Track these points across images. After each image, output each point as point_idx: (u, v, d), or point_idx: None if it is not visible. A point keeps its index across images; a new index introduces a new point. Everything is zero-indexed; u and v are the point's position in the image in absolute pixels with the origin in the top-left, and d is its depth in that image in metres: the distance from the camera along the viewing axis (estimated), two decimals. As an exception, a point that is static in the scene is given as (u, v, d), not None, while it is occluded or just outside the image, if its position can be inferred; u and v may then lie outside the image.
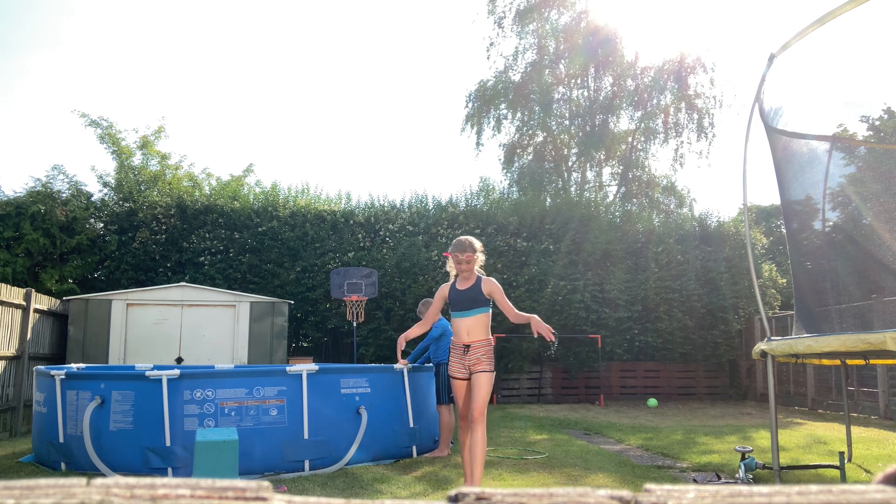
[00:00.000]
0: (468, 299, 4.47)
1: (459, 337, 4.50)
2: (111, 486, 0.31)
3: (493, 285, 4.51)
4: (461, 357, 4.48)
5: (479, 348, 4.46)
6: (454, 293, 4.55)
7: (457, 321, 4.52)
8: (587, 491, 0.31)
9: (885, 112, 10.66)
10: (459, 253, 4.47)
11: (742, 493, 0.32)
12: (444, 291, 4.66)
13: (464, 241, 4.54)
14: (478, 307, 4.46)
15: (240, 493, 0.31)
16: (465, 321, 4.47)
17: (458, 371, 4.51)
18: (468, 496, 0.31)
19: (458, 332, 4.51)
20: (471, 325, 4.45)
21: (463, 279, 4.54)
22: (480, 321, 4.47)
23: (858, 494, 0.31)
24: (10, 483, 0.31)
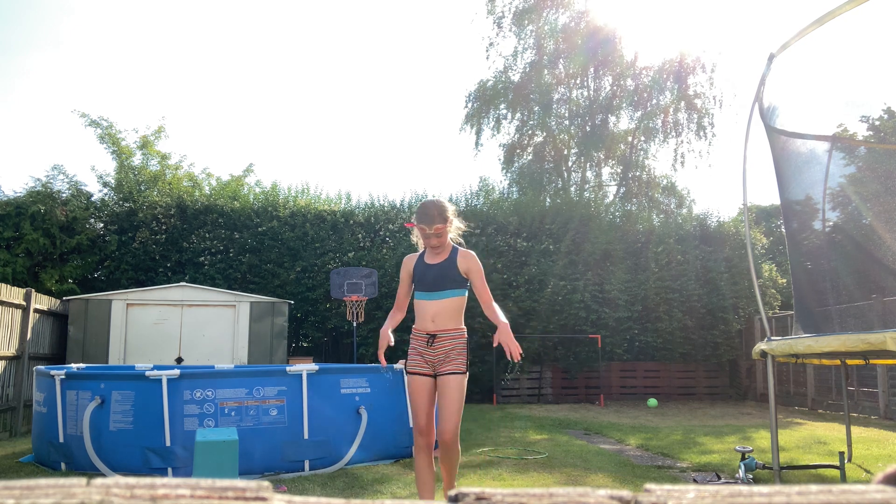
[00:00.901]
0: (438, 277, 3.50)
1: (422, 324, 3.51)
2: (111, 486, 0.31)
3: (471, 261, 3.53)
4: (423, 350, 3.50)
5: (450, 340, 3.47)
6: (421, 268, 3.57)
7: (421, 304, 3.53)
8: (587, 491, 0.31)
9: (885, 112, 10.65)
10: (426, 225, 3.44)
11: (742, 493, 0.32)
12: (408, 266, 3.65)
13: (430, 209, 3.47)
14: (450, 288, 3.49)
15: (240, 493, 0.31)
16: (432, 305, 3.50)
17: (417, 365, 3.50)
18: (468, 496, 0.32)
19: (421, 318, 3.52)
20: (438, 311, 3.49)
21: (433, 251, 3.57)
22: (452, 306, 3.50)
23: (858, 494, 0.31)
24: (10, 483, 0.31)
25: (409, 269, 3.64)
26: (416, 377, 3.51)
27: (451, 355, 3.46)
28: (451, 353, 3.46)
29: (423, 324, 3.52)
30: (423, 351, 3.49)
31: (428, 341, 3.47)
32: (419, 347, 3.51)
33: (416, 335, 3.56)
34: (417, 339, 3.54)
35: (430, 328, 3.48)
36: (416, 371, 3.52)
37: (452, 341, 3.48)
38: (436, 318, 3.48)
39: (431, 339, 3.47)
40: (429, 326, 3.49)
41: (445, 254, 3.56)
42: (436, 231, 3.45)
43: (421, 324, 3.53)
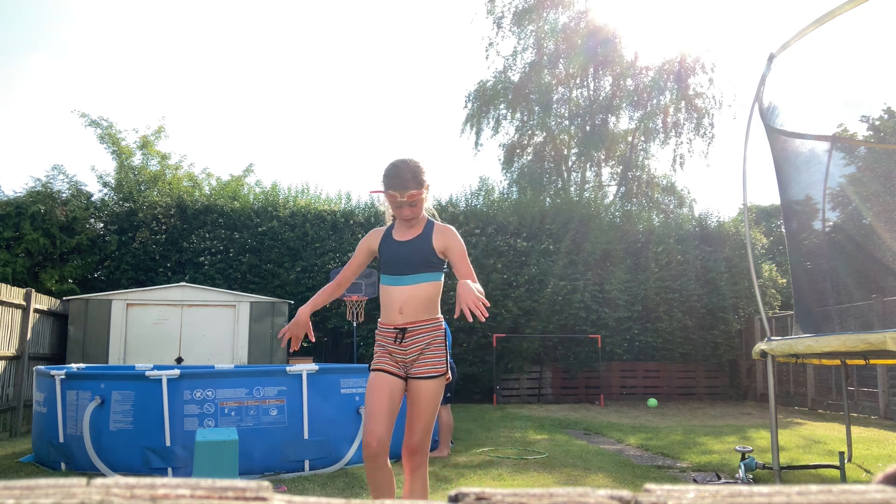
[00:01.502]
0: (409, 257, 2.84)
1: (389, 315, 2.86)
2: (111, 486, 0.31)
3: (450, 237, 2.86)
4: (392, 348, 2.85)
5: (424, 335, 2.84)
6: (388, 245, 2.91)
7: (388, 291, 2.87)
8: (587, 491, 0.31)
9: (885, 112, 10.65)
10: (397, 191, 2.77)
11: (742, 493, 0.32)
12: (372, 241, 2.98)
13: (402, 171, 2.79)
14: (424, 270, 2.83)
15: (240, 493, 0.31)
16: (401, 292, 2.83)
17: (384, 362, 2.85)
18: (468, 496, 0.32)
19: (388, 309, 2.87)
20: (409, 299, 2.81)
21: (404, 225, 2.92)
22: (425, 293, 2.84)
23: (858, 494, 0.31)
24: (10, 483, 0.31)
25: (371, 246, 2.96)
26: (379, 373, 2.81)
27: (427, 353, 2.81)
28: (427, 350, 2.81)
29: (389, 315, 2.84)
30: (392, 348, 2.83)
31: (396, 337, 2.80)
32: (387, 344, 2.84)
33: (382, 330, 2.89)
34: (384, 335, 2.86)
35: (398, 321, 2.80)
36: (381, 367, 2.82)
37: (427, 335, 2.82)
38: (405, 309, 2.80)
39: (401, 334, 2.79)
40: (397, 319, 2.81)
41: (419, 228, 2.87)
42: (409, 199, 2.76)
43: (387, 316, 2.85)
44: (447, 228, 2.89)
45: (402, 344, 2.83)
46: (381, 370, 2.83)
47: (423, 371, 2.82)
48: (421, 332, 2.83)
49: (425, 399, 2.83)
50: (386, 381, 2.80)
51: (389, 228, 2.98)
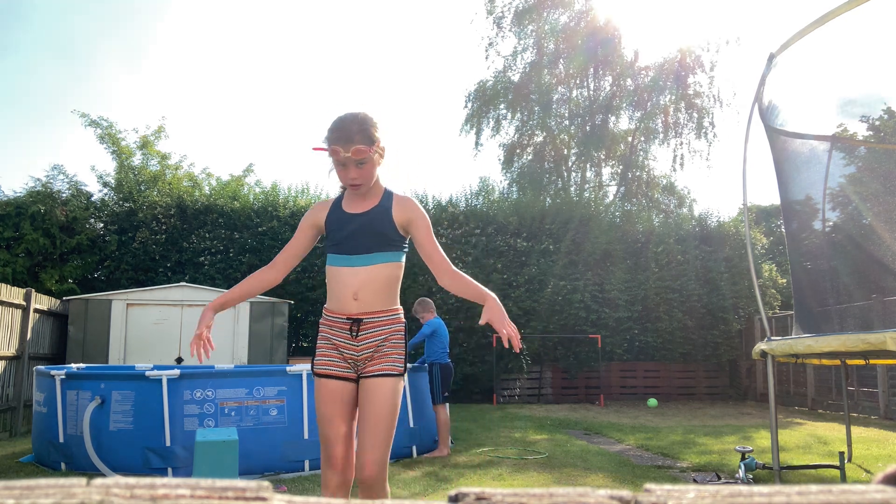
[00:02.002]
0: (364, 233, 2.38)
1: (340, 303, 2.38)
2: (111, 486, 0.31)
3: (412, 209, 2.42)
4: (342, 342, 2.39)
5: (382, 328, 2.39)
6: (338, 219, 2.43)
7: (338, 274, 2.39)
8: (587, 491, 0.31)
9: (885, 112, 10.65)
10: (341, 145, 2.27)
11: (742, 493, 0.32)
12: (317, 215, 2.50)
13: (348, 122, 2.31)
14: (381, 249, 2.38)
15: (240, 493, 0.31)
16: (355, 275, 2.36)
17: (331, 364, 2.39)
18: (468, 496, 0.32)
19: (339, 296, 2.39)
20: (365, 284, 2.36)
21: (356, 195, 2.43)
22: (384, 276, 2.38)
23: (858, 494, 0.31)
24: (10, 483, 0.31)
25: (316, 220, 2.47)
26: (328, 381, 2.35)
27: (384, 349, 2.36)
28: (384, 345, 2.37)
29: (341, 303, 2.36)
30: (343, 343, 2.37)
31: (350, 329, 2.35)
32: (336, 338, 2.38)
33: (330, 320, 2.40)
34: (333, 327, 2.39)
35: (352, 310, 2.35)
36: (329, 372, 2.36)
37: (386, 329, 2.38)
38: (361, 295, 2.34)
39: (355, 325, 2.35)
40: (350, 307, 2.35)
41: (374, 199, 2.42)
42: (355, 155, 2.24)
43: (338, 303, 2.37)
44: (408, 199, 2.44)
45: (356, 338, 2.35)
46: (330, 376, 2.35)
47: (378, 369, 2.34)
48: (378, 325, 2.37)
49: (382, 401, 2.29)
50: (338, 390, 2.34)
51: (338, 199, 2.48)
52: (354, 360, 2.40)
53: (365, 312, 2.38)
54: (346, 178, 2.34)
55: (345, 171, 2.32)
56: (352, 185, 2.34)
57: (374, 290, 2.37)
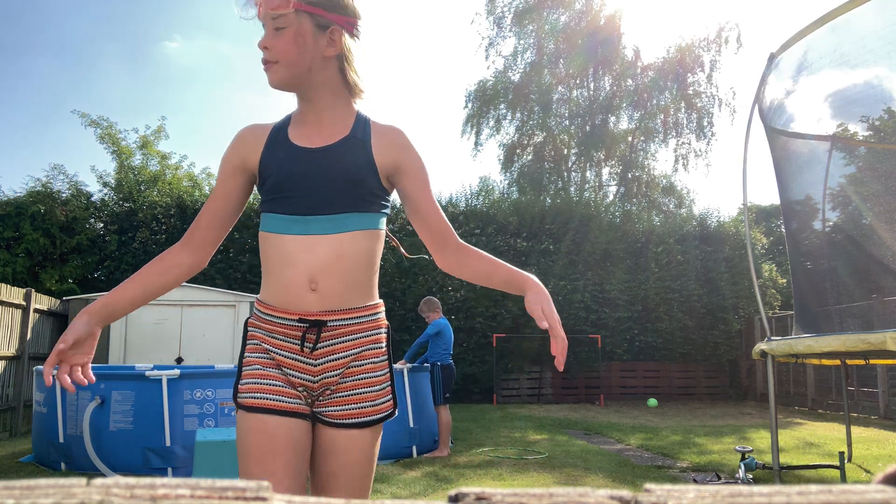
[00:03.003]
0: (326, 179, 1.46)
1: (286, 293, 1.44)
2: (111, 486, 0.31)
3: (403, 146, 1.55)
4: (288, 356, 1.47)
5: (354, 336, 1.48)
6: (281, 153, 1.50)
7: (279, 244, 1.45)
8: (587, 491, 0.31)
9: (885, 112, 10.65)
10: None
11: (742, 493, 0.32)
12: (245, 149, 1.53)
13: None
14: (354, 207, 1.46)
15: (240, 493, 0.31)
16: (311, 247, 1.43)
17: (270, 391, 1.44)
18: (468, 496, 0.32)
19: (285, 280, 1.44)
20: (329, 263, 1.43)
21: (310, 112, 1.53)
22: (360, 252, 1.47)
23: (858, 494, 0.31)
24: (10, 483, 0.31)
25: (244, 157, 1.53)
26: (261, 418, 1.43)
27: (358, 372, 1.49)
28: (358, 365, 1.49)
29: (288, 295, 1.45)
30: (289, 360, 1.47)
31: (303, 339, 1.45)
32: (277, 350, 1.48)
33: (268, 321, 1.49)
34: (274, 333, 1.48)
35: (308, 306, 1.44)
36: (265, 404, 1.44)
37: (360, 338, 1.49)
38: (322, 282, 1.43)
39: (314, 330, 1.45)
40: (305, 303, 1.44)
41: (342, 125, 1.53)
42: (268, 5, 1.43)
43: (283, 294, 1.46)
44: (395, 130, 1.57)
45: (313, 353, 1.46)
46: (264, 409, 1.43)
47: (349, 412, 1.47)
48: (349, 333, 1.47)
49: (352, 465, 1.47)
50: (281, 436, 1.41)
51: (282, 124, 1.56)
52: (307, 384, 1.47)
53: (329, 311, 1.44)
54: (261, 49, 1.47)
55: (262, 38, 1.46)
56: (263, 60, 1.46)
57: (344, 274, 1.44)
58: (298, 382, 1.48)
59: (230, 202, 1.56)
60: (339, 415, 1.48)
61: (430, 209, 1.57)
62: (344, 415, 1.48)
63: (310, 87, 1.50)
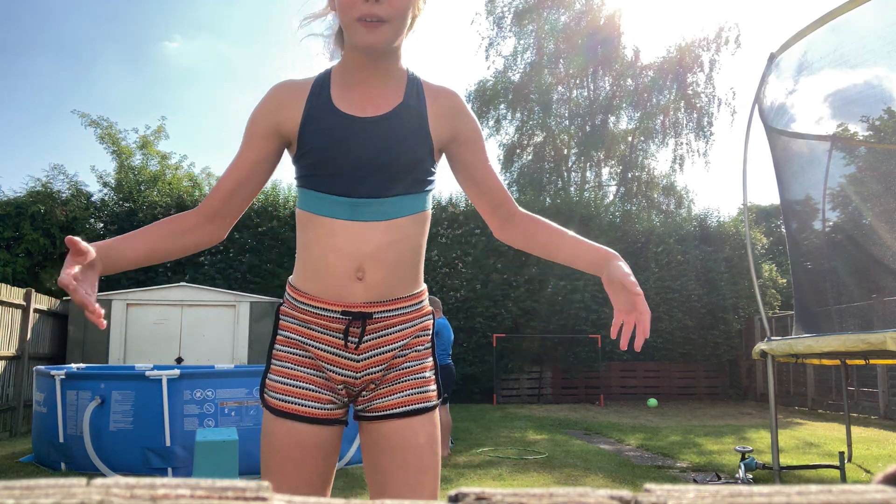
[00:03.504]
0: (382, 156, 1.28)
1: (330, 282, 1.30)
2: (111, 486, 0.31)
3: (461, 110, 1.39)
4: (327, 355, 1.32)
5: (402, 327, 1.35)
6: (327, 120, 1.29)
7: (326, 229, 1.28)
8: (587, 491, 0.31)
9: (885, 112, 10.65)
10: None
11: (742, 493, 0.32)
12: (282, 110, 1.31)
13: None
14: (409, 189, 1.31)
15: (240, 493, 0.31)
16: (363, 235, 1.27)
17: (304, 395, 1.31)
18: (468, 496, 0.32)
19: (329, 268, 1.29)
20: (377, 252, 1.28)
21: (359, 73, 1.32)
22: (410, 238, 1.33)
23: (858, 494, 0.31)
24: (10, 483, 0.31)
25: (280, 120, 1.33)
26: (288, 424, 1.31)
27: (404, 363, 1.37)
28: (404, 356, 1.37)
29: (332, 284, 1.31)
30: (330, 356, 1.33)
31: (347, 333, 1.31)
32: (316, 344, 1.34)
33: (307, 312, 1.34)
34: (312, 325, 1.34)
35: (353, 296, 1.30)
36: (298, 409, 1.31)
37: (408, 329, 1.37)
38: (371, 272, 1.30)
39: (357, 324, 1.31)
40: (351, 294, 1.30)
41: (396, 89, 1.37)
42: None
43: (325, 284, 1.32)
44: (450, 93, 1.41)
45: (358, 348, 1.32)
46: (292, 414, 1.30)
47: (395, 401, 1.34)
48: (396, 324, 1.35)
49: (409, 457, 1.31)
50: (312, 445, 1.30)
51: (322, 83, 1.34)
52: (349, 381, 1.34)
53: (375, 302, 1.31)
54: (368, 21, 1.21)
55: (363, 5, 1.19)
56: (367, 12, 1.20)
57: (394, 262, 1.31)
58: (339, 380, 1.34)
59: (258, 171, 1.35)
60: (385, 406, 1.34)
61: (490, 177, 1.45)
62: (390, 405, 1.34)
63: (390, 49, 1.30)
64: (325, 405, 1.32)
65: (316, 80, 1.35)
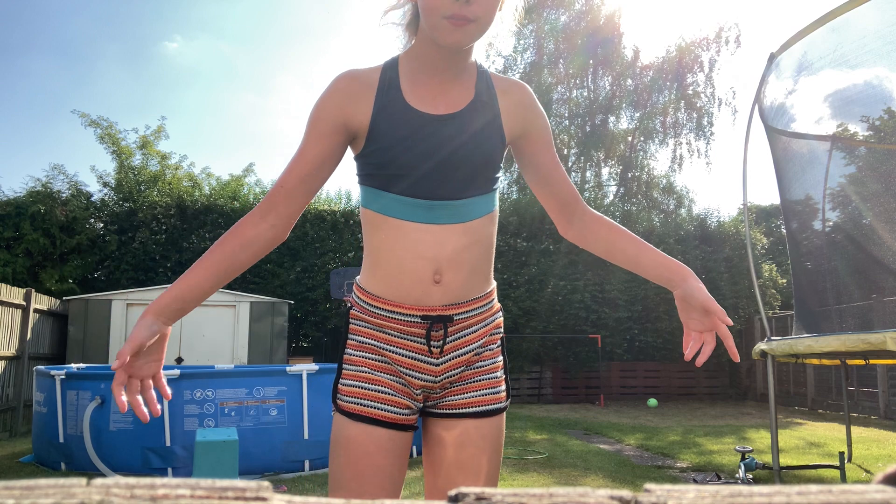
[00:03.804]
0: (456, 156, 1.24)
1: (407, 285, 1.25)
2: (111, 486, 0.31)
3: (531, 103, 1.35)
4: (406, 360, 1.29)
5: (476, 327, 1.32)
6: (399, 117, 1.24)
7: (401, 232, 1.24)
8: (587, 491, 0.31)
9: (885, 112, 10.65)
10: None
11: (742, 493, 0.32)
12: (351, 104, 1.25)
13: None
14: (481, 189, 1.28)
15: (240, 493, 0.31)
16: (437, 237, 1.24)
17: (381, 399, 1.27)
18: (468, 496, 0.32)
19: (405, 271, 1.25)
20: (454, 256, 1.25)
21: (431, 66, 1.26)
22: (483, 239, 1.29)
23: (858, 494, 0.31)
24: (10, 483, 0.31)
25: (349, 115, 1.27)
26: (365, 428, 1.27)
27: (482, 360, 1.36)
28: (483, 354, 1.36)
29: (406, 286, 1.27)
30: (410, 361, 1.30)
31: (427, 336, 1.28)
32: (395, 349, 1.30)
33: (381, 316, 1.30)
34: (388, 329, 1.30)
35: (430, 299, 1.27)
36: (369, 413, 1.28)
37: (482, 327, 1.35)
38: (448, 274, 1.26)
39: (439, 327, 1.28)
40: (427, 295, 1.27)
41: (467, 84, 1.32)
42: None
43: (401, 287, 1.27)
44: (521, 87, 1.37)
45: (439, 350, 1.30)
46: (369, 418, 1.27)
47: (468, 400, 1.33)
48: (473, 324, 1.33)
49: (478, 456, 1.30)
50: (389, 451, 1.28)
51: (390, 75, 1.31)
52: (427, 385, 1.31)
53: (453, 305, 1.28)
54: (455, 20, 1.17)
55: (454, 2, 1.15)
56: (456, 12, 1.16)
57: (470, 264, 1.28)
58: (419, 384, 1.31)
59: (323, 167, 1.29)
60: (456, 404, 1.32)
61: (558, 174, 1.40)
62: (461, 404, 1.32)
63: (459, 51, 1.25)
64: (403, 410, 1.30)
65: (383, 71, 1.31)
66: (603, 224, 1.40)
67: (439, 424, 1.32)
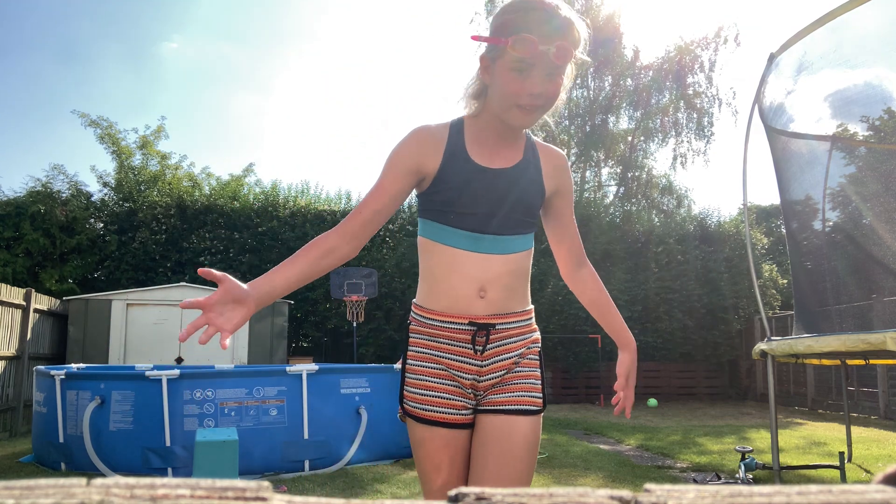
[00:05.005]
0: (508, 202, 1.56)
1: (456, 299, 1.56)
2: (111, 486, 0.31)
3: (565, 168, 1.69)
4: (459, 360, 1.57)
5: (516, 339, 1.61)
6: (462, 168, 1.54)
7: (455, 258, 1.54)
8: (587, 491, 0.31)
9: (885, 112, 10.64)
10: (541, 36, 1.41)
11: (742, 493, 0.32)
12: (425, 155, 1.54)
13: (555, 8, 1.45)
14: (524, 229, 1.62)
15: (240, 493, 0.31)
16: (485, 263, 1.55)
17: (444, 404, 1.56)
18: (468, 496, 0.32)
19: (455, 287, 1.55)
20: (497, 277, 1.56)
21: (492, 131, 1.56)
22: (521, 267, 1.65)
23: (858, 494, 0.31)
24: (10, 483, 0.31)
25: (422, 163, 1.54)
26: (434, 430, 1.54)
27: (520, 367, 1.59)
28: (521, 362, 1.60)
29: (458, 300, 1.54)
30: (460, 363, 1.56)
31: (473, 341, 1.54)
32: (448, 354, 1.56)
33: (436, 326, 1.56)
34: (441, 338, 1.57)
35: (476, 310, 1.54)
36: (436, 417, 1.54)
37: (521, 340, 1.61)
38: (491, 291, 1.54)
39: (482, 332, 1.54)
40: (473, 307, 1.54)
41: (518, 146, 1.59)
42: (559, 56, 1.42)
43: (452, 300, 1.54)
44: (559, 155, 1.67)
45: (484, 353, 1.55)
46: (436, 422, 1.53)
47: (514, 400, 1.55)
48: (513, 335, 1.59)
49: (520, 450, 1.52)
50: (456, 446, 1.55)
51: (457, 133, 1.56)
52: (476, 385, 1.56)
53: (495, 315, 1.55)
54: (523, 90, 1.39)
55: (524, 78, 1.39)
56: (527, 104, 1.41)
57: (509, 285, 1.58)
58: (468, 383, 1.58)
59: (395, 201, 1.56)
60: (496, 401, 1.57)
61: (573, 229, 1.76)
62: (501, 401, 1.57)
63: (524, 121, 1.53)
64: (461, 411, 1.57)
65: (451, 129, 1.58)
66: (595, 286, 1.77)
67: (482, 419, 1.57)
